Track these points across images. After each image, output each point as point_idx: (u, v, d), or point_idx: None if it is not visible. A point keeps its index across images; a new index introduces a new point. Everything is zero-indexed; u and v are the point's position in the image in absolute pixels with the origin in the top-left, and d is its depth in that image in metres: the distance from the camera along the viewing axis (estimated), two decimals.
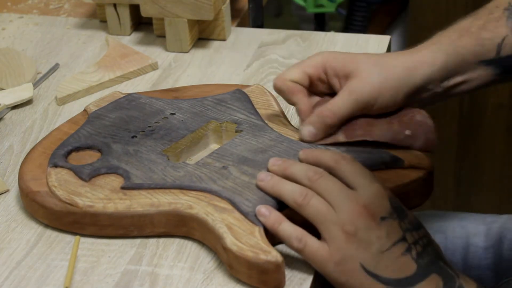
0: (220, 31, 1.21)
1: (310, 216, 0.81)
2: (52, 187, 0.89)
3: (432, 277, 0.77)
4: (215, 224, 0.83)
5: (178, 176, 0.89)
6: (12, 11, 1.32)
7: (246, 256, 0.80)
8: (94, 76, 1.13)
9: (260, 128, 0.96)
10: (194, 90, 1.05)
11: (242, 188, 0.86)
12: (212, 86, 1.06)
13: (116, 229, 0.87)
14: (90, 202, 0.87)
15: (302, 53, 1.18)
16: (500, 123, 1.96)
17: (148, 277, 0.83)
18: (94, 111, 1.00)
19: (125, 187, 0.88)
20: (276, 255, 0.80)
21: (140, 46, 1.21)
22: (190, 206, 0.85)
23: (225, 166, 0.90)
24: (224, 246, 0.81)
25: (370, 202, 0.79)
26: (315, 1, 1.83)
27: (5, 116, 1.08)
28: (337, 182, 0.82)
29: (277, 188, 0.84)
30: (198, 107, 1.00)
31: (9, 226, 0.90)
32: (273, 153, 0.91)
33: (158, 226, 0.87)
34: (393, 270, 0.77)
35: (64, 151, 0.94)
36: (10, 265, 0.85)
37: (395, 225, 0.79)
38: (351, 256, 0.78)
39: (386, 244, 0.78)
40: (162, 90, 1.07)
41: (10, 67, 1.16)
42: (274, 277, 0.80)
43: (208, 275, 0.83)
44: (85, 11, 1.31)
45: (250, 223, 0.83)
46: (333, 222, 0.79)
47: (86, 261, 0.85)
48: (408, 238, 0.79)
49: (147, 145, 0.94)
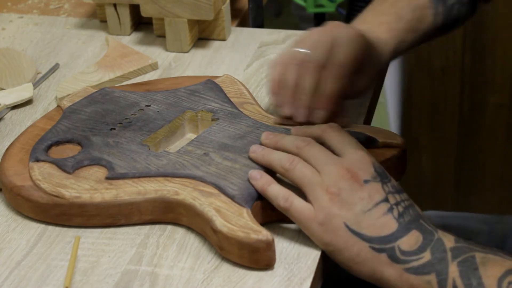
0: (220, 31, 1.21)
1: (296, 180, 0.85)
2: (37, 180, 0.90)
3: (412, 233, 0.80)
4: (203, 208, 0.85)
5: (161, 164, 0.90)
6: (12, 11, 1.33)
7: (237, 237, 0.81)
8: (94, 76, 1.13)
9: (236, 115, 0.98)
10: (165, 82, 1.07)
11: (225, 173, 0.88)
12: (182, 78, 1.08)
13: (103, 218, 0.88)
14: (76, 193, 0.88)
15: None
16: (500, 123, 1.96)
17: (148, 277, 0.83)
18: (69, 106, 1.01)
19: (110, 177, 0.89)
20: (267, 233, 0.81)
21: (140, 46, 1.21)
22: (176, 192, 0.87)
23: (206, 153, 0.92)
24: (214, 228, 0.83)
25: (354, 166, 0.84)
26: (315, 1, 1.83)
27: (5, 116, 1.08)
28: (323, 149, 0.86)
29: (267, 157, 0.88)
30: (172, 98, 1.02)
31: (9, 226, 0.90)
32: (251, 138, 0.93)
33: (145, 214, 0.88)
34: (375, 229, 0.81)
35: (45, 146, 0.95)
36: (10, 265, 0.85)
37: (378, 187, 0.83)
38: (334, 215, 0.81)
39: (369, 204, 0.82)
40: (134, 84, 1.09)
41: (10, 67, 1.16)
42: (265, 255, 0.82)
43: (208, 275, 0.83)
44: (85, 11, 1.31)
45: (237, 205, 0.85)
46: (318, 184, 0.83)
47: (86, 261, 0.85)
48: (390, 199, 0.82)
49: (126, 136, 0.95)
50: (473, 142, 2.01)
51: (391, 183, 0.84)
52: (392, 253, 0.80)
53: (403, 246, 0.80)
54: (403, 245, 0.80)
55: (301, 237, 0.86)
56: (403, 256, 0.79)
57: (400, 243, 0.80)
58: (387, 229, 0.81)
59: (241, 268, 0.83)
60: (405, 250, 0.80)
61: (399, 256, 0.80)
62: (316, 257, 0.84)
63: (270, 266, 0.82)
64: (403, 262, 0.79)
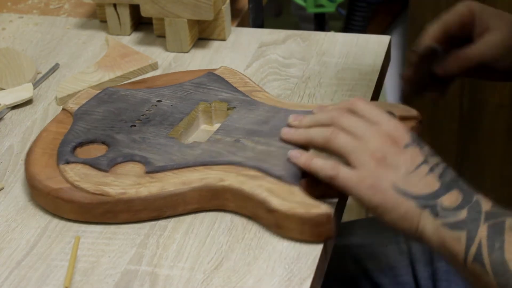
0: (220, 31, 1.21)
1: (339, 149, 0.87)
2: (75, 182, 0.89)
3: (453, 192, 0.84)
4: (254, 190, 0.86)
5: (197, 154, 0.91)
6: (12, 11, 1.33)
7: (298, 213, 0.83)
8: (94, 76, 1.13)
9: (251, 103, 0.99)
10: (162, 79, 1.07)
11: (264, 156, 0.89)
12: (178, 74, 1.08)
13: (149, 212, 0.88)
14: (121, 189, 0.88)
15: (302, 53, 1.18)
16: (500, 123, 1.96)
17: (148, 277, 0.83)
18: (79, 108, 1.01)
19: (150, 171, 0.90)
20: (326, 207, 0.84)
21: (140, 46, 1.21)
22: (221, 179, 0.88)
23: (237, 139, 0.92)
24: (270, 208, 0.84)
25: (393, 132, 0.87)
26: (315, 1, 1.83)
27: (5, 116, 1.08)
28: (359, 117, 0.89)
29: (305, 134, 0.91)
30: (180, 92, 1.02)
31: (9, 226, 0.90)
32: (275, 122, 0.94)
33: (190, 203, 0.89)
34: (420, 188, 0.84)
35: (70, 148, 0.94)
36: (10, 265, 0.85)
37: (417, 151, 0.86)
38: (382, 178, 0.85)
39: (412, 166, 0.85)
40: (131, 82, 1.09)
41: (10, 67, 1.16)
42: (327, 228, 0.84)
43: (208, 275, 0.83)
44: (85, 11, 1.31)
45: (286, 185, 0.86)
46: (362, 150, 0.86)
47: (86, 261, 0.85)
48: (429, 161, 0.86)
49: (150, 131, 0.95)
50: (473, 142, 2.01)
51: (426, 148, 0.88)
52: (434, 209, 0.83)
53: (445, 203, 0.84)
54: (445, 202, 0.84)
55: None
56: (443, 211, 0.83)
57: (443, 199, 0.84)
58: (431, 188, 0.84)
59: (241, 268, 0.83)
60: (445, 207, 0.83)
61: (439, 211, 0.83)
62: (316, 257, 0.84)
63: (331, 239, 0.85)
64: (441, 217, 0.83)
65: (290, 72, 1.14)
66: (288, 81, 1.12)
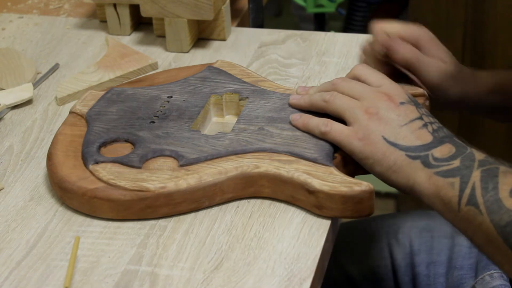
0: (220, 31, 1.21)
1: (337, 108, 0.91)
2: (110, 180, 0.89)
3: (446, 145, 0.87)
4: (292, 174, 0.87)
5: (226, 144, 0.92)
6: (12, 11, 1.33)
7: (341, 192, 0.85)
8: (94, 76, 1.13)
9: (262, 92, 1.00)
10: (160, 76, 1.07)
11: (292, 140, 0.91)
12: (175, 70, 1.09)
13: (188, 204, 0.89)
14: (160, 183, 0.88)
15: (302, 53, 1.18)
16: (500, 123, 1.96)
17: (148, 277, 0.83)
18: (90, 110, 1.00)
19: (184, 164, 0.90)
20: (367, 183, 0.86)
21: (140, 46, 1.21)
22: (256, 166, 0.89)
23: (261, 127, 0.94)
24: (312, 190, 0.86)
25: (390, 92, 0.91)
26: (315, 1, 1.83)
27: (5, 116, 1.08)
28: (358, 82, 0.93)
29: (308, 99, 0.95)
30: (188, 87, 1.03)
31: (9, 226, 0.90)
32: (291, 109, 0.96)
33: (227, 192, 0.90)
34: (411, 139, 0.87)
35: (95, 148, 0.94)
36: (10, 265, 0.85)
37: (412, 108, 0.90)
38: (373, 130, 0.88)
39: (405, 120, 0.88)
40: (131, 81, 1.08)
41: (10, 67, 1.16)
42: (369, 204, 0.86)
43: (208, 275, 0.83)
44: (85, 11, 1.31)
45: (322, 166, 0.88)
46: (357, 107, 0.90)
47: (86, 261, 0.85)
48: (424, 118, 0.89)
49: (171, 126, 0.96)
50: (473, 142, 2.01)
51: (424, 109, 0.90)
52: (425, 160, 0.85)
53: (436, 154, 0.86)
54: (437, 153, 0.86)
55: (301, 237, 0.86)
56: (435, 162, 0.85)
57: (434, 151, 0.86)
58: (423, 140, 0.87)
59: (241, 268, 0.83)
60: (437, 157, 0.85)
61: (431, 161, 0.85)
62: (316, 257, 0.84)
63: (371, 214, 0.87)
64: (433, 167, 0.85)
65: (290, 72, 1.14)
66: (288, 81, 1.12)
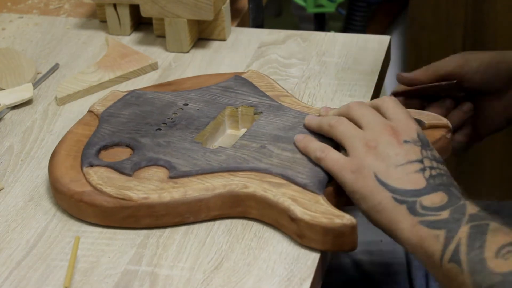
0: (220, 31, 1.21)
1: (339, 135, 0.88)
2: (97, 185, 0.89)
3: (438, 193, 0.82)
4: (277, 198, 0.85)
5: (221, 159, 0.90)
6: (12, 11, 1.33)
7: (321, 223, 0.82)
8: (94, 76, 1.13)
9: (278, 108, 0.98)
10: (188, 82, 1.06)
11: (289, 163, 0.89)
12: (205, 77, 1.07)
13: (172, 217, 0.87)
14: (143, 194, 0.87)
15: (302, 53, 1.18)
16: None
17: (148, 277, 0.83)
18: (105, 110, 1.00)
19: (174, 176, 0.89)
20: (350, 217, 0.82)
21: (140, 46, 1.21)
22: (245, 186, 0.87)
23: (263, 145, 0.92)
24: (293, 217, 0.83)
25: (398, 127, 0.87)
26: (315, 1, 1.83)
27: (5, 116, 1.08)
28: (373, 110, 0.89)
29: (319, 122, 0.92)
30: (207, 95, 1.01)
31: (9, 226, 0.90)
32: (302, 128, 0.94)
33: (213, 210, 0.88)
34: (402, 182, 0.83)
35: (94, 150, 0.93)
36: (10, 265, 0.85)
37: (416, 149, 0.85)
38: (367, 165, 0.84)
39: (403, 160, 0.84)
40: (158, 84, 1.08)
41: (10, 67, 1.16)
42: (350, 238, 0.83)
43: (208, 275, 0.83)
44: (85, 11, 1.31)
45: (311, 193, 0.85)
46: (358, 138, 0.86)
47: (86, 261, 0.85)
48: (425, 162, 0.84)
49: (176, 135, 0.95)
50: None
51: (432, 153, 0.86)
52: (412, 206, 0.81)
53: (425, 202, 0.81)
54: (426, 201, 0.81)
55: None
56: (422, 210, 0.81)
57: (423, 199, 0.82)
58: (414, 185, 0.82)
59: (241, 268, 0.83)
60: (426, 206, 0.81)
61: (418, 209, 0.81)
62: (316, 257, 0.84)
63: (354, 249, 0.84)
64: (419, 215, 0.81)
65: (290, 72, 1.14)
66: (288, 81, 1.12)
